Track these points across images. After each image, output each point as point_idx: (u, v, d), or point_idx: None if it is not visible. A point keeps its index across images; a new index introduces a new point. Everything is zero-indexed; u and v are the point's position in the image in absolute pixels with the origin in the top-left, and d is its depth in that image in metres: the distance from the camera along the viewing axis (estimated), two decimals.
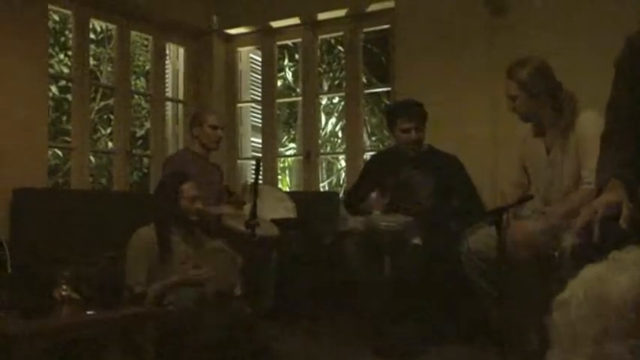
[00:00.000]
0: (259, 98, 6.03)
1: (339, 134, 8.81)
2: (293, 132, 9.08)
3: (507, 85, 3.13)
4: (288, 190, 7.19)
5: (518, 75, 3.07)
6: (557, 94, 3.07)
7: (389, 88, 5.48)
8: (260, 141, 6.02)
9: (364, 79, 6.16)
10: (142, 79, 7.85)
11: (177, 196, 3.30)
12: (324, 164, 8.43)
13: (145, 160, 6.89)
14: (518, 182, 3.35)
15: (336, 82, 8.59)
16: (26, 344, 2.46)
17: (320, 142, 6.09)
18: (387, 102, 7.43)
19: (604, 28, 4.13)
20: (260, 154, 5.86)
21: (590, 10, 4.22)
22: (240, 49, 5.94)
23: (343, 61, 6.66)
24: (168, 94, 5.79)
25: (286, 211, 4.37)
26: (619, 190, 1.84)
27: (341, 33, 5.62)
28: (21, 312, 2.65)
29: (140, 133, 7.85)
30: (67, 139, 5.96)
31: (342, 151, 7.54)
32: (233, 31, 5.79)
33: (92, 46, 6.57)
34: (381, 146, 8.01)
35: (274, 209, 4.25)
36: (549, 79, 3.09)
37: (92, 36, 6.55)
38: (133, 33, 5.52)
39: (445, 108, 4.56)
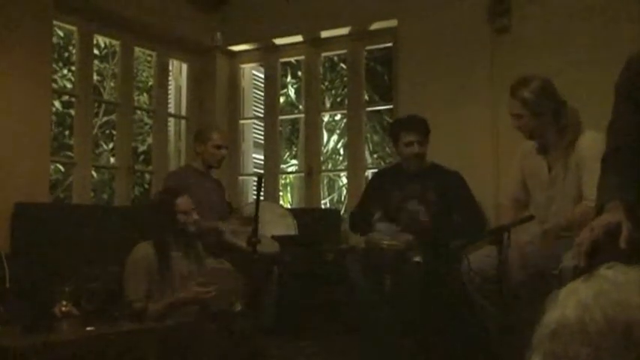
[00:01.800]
0: (262, 115, 6.05)
1: (341, 151, 8.82)
2: (295, 149, 9.10)
3: (511, 104, 3.13)
4: (289, 206, 7.19)
5: (522, 94, 3.06)
6: (561, 113, 3.07)
7: (391, 106, 5.50)
8: (262, 157, 6.03)
9: (366, 97, 6.19)
10: (144, 94, 7.88)
11: (173, 210, 3.30)
12: (325, 181, 8.43)
13: (147, 175, 6.90)
14: (516, 197, 3.35)
15: (339, 100, 8.62)
16: (26, 359, 2.45)
17: (322, 159, 6.09)
18: (389, 120, 7.46)
19: (605, 46, 4.16)
20: (262, 171, 5.87)
21: (592, 28, 4.25)
22: (243, 65, 5.97)
23: (346, 79, 6.68)
24: (171, 110, 5.81)
25: (287, 227, 4.36)
26: (618, 211, 1.85)
27: (344, 51, 5.65)
28: (20, 327, 2.63)
29: (142, 148, 7.86)
30: (69, 153, 5.98)
31: (343, 168, 7.54)
32: (236, 48, 5.83)
33: (96, 62, 6.60)
34: (382, 163, 8.02)
35: (276, 226, 4.24)
36: (553, 97, 3.09)
37: (96, 51, 6.58)
38: (137, 49, 5.55)
39: (447, 125, 4.58)
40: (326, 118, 8.23)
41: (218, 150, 4.25)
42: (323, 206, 6.87)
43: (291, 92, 8.87)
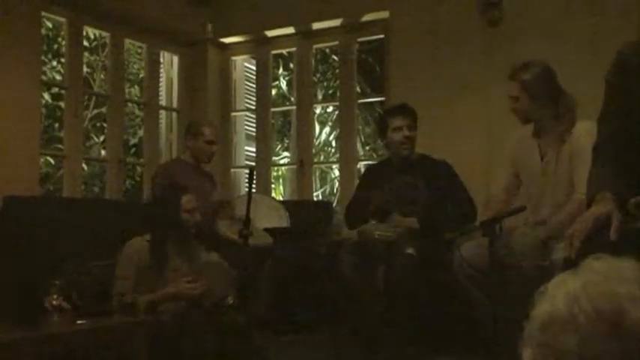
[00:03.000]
0: (253, 107, 6.03)
1: (333, 143, 8.81)
2: (287, 141, 9.08)
3: (509, 86, 3.15)
4: (281, 198, 7.18)
5: (522, 76, 3.09)
6: (558, 99, 3.08)
7: (383, 98, 5.49)
8: (254, 150, 6.02)
9: (358, 89, 6.18)
10: (135, 87, 7.84)
11: (178, 208, 3.27)
12: (317, 173, 8.42)
13: (138, 168, 6.88)
14: (507, 187, 3.35)
15: (331, 92, 8.61)
16: (15, 353, 2.44)
17: (314, 151, 6.09)
18: (381, 112, 7.45)
19: (600, 38, 4.16)
20: (254, 163, 5.86)
21: (586, 20, 4.25)
22: (234, 57, 5.94)
23: (337, 71, 6.66)
24: (162, 102, 5.78)
25: (280, 220, 4.35)
26: (608, 202, 1.85)
27: (335, 42, 5.63)
28: (11, 321, 2.62)
29: (133, 141, 7.83)
30: (60, 146, 5.95)
31: (335, 160, 7.54)
32: (228, 40, 5.80)
33: (86, 54, 6.56)
34: (374, 155, 8.02)
35: (268, 218, 4.24)
36: (552, 83, 3.11)
37: (86, 43, 6.54)
38: (127, 41, 5.51)
39: (439, 118, 4.58)
40: (318, 110, 8.21)
41: (209, 145, 4.25)
42: (315, 198, 6.87)
43: (283, 84, 8.84)
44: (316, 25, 5.44)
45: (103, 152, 7.28)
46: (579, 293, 0.84)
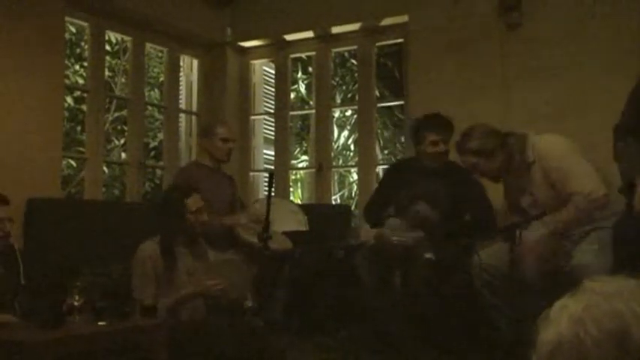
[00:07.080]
0: (272, 111, 6.06)
1: (352, 147, 8.80)
2: (305, 144, 9.09)
3: (464, 161, 3.29)
4: (299, 202, 7.19)
5: (469, 146, 3.21)
6: (507, 143, 3.17)
7: (402, 102, 5.49)
8: (272, 153, 6.04)
9: (377, 93, 6.17)
10: (156, 90, 7.90)
11: (183, 210, 3.28)
12: (336, 177, 8.41)
13: (158, 171, 6.93)
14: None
15: (349, 95, 8.59)
16: (38, 354, 2.47)
17: (332, 154, 6.09)
18: (400, 116, 7.44)
19: (616, 43, 4.13)
20: (272, 167, 5.87)
21: (603, 25, 4.21)
22: (253, 61, 5.97)
23: (356, 75, 6.67)
24: (182, 105, 5.82)
25: (298, 224, 4.36)
26: None
27: (354, 46, 5.65)
28: (34, 321, 2.65)
29: (153, 144, 7.89)
30: (81, 149, 6.01)
31: (354, 164, 7.54)
32: (247, 44, 5.83)
33: (107, 58, 6.62)
34: (393, 159, 8.00)
35: (287, 222, 4.25)
36: (495, 135, 3.21)
37: (107, 47, 6.60)
38: (148, 45, 5.57)
39: (458, 121, 4.54)
40: (336, 114, 8.22)
41: (225, 143, 4.18)
42: (333, 202, 6.87)
43: (302, 88, 8.85)
44: (335, 29, 5.45)
45: (123, 155, 7.35)
46: (583, 316, 0.84)
